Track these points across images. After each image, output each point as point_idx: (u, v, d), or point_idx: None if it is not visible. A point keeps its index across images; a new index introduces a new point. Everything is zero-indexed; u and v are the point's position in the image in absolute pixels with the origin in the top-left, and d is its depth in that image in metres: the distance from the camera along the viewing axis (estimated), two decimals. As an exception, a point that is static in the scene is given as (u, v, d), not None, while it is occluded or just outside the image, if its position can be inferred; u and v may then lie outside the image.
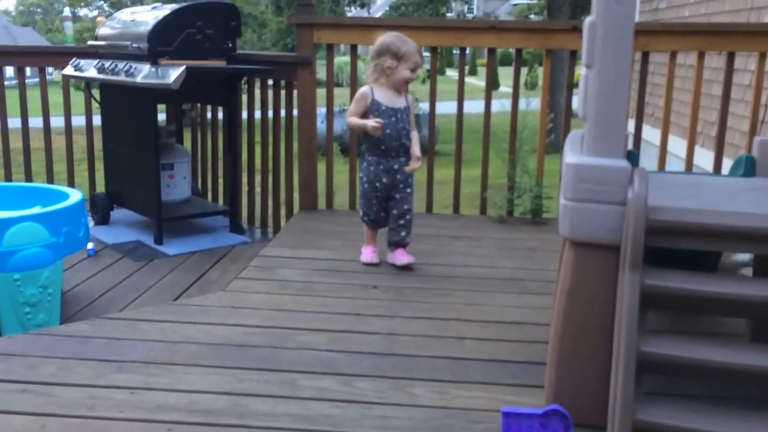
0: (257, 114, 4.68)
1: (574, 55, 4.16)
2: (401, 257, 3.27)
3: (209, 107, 5.09)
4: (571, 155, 1.94)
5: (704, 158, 5.25)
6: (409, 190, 3.28)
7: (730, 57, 4.04)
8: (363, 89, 3.26)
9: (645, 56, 4.18)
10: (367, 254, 3.35)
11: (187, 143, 5.16)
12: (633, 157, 2.29)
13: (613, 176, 1.85)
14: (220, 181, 5.03)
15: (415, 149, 3.25)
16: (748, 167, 2.38)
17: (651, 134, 6.51)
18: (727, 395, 2.07)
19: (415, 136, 3.29)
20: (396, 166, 3.24)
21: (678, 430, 1.69)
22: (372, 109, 3.20)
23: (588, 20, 1.88)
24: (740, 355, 1.74)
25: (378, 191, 3.27)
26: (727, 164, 3.41)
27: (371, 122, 3.15)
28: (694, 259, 2.23)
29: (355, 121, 3.23)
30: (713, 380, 1.85)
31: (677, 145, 5.33)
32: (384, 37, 3.21)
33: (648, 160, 6.95)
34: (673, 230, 1.81)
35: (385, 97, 3.23)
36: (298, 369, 2.28)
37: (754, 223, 1.77)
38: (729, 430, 1.68)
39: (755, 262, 2.31)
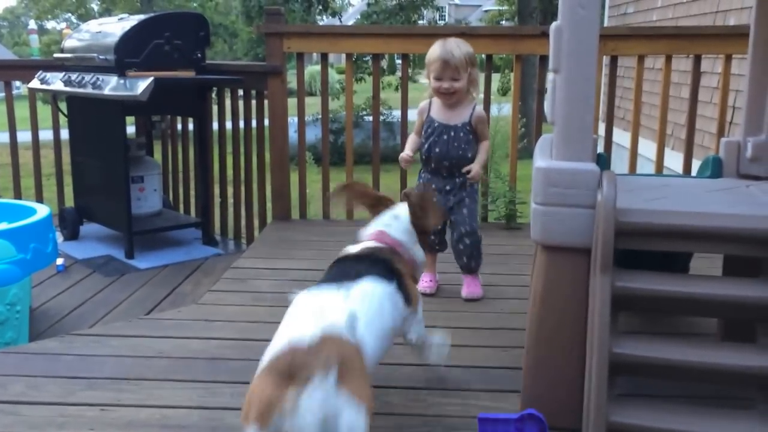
0: (228, 124, 4.66)
1: (544, 60, 4.19)
2: (466, 288, 3.02)
3: (179, 118, 5.05)
4: (540, 160, 1.95)
5: (674, 160, 5.30)
6: (465, 211, 2.95)
7: (697, 60, 4.09)
8: (422, 102, 3.01)
9: (614, 60, 4.22)
10: (422, 283, 2.99)
11: (158, 155, 5.11)
12: (603, 160, 2.30)
13: (582, 180, 1.86)
14: (192, 193, 4.99)
15: (475, 164, 2.94)
16: (715, 168, 2.41)
17: (622, 137, 6.57)
18: (699, 395, 2.08)
19: (483, 146, 2.98)
20: (448, 187, 2.95)
21: (651, 430, 1.70)
22: (425, 124, 2.96)
23: (554, 25, 1.89)
24: (711, 354, 1.75)
25: None
26: (696, 166, 3.45)
27: (403, 154, 2.96)
28: (665, 260, 2.25)
29: (408, 143, 3.02)
30: (685, 380, 1.86)
31: (648, 148, 5.39)
32: None
33: (620, 162, 7.02)
34: (642, 232, 1.82)
35: (440, 112, 2.95)
36: (272, 381, 2.25)
37: (721, 224, 1.79)
38: (701, 429, 1.69)
39: (723, 262, 2.33)
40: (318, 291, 1.79)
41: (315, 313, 1.65)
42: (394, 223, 2.12)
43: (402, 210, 2.15)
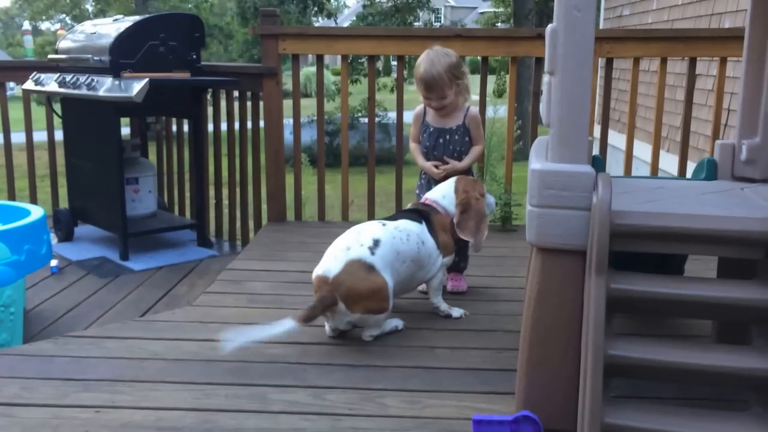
0: (223, 126, 4.65)
1: (540, 63, 4.20)
2: (452, 283, 3.09)
3: (174, 120, 5.04)
4: (536, 162, 1.95)
5: (669, 162, 5.32)
6: None
7: (692, 62, 4.11)
8: (417, 108, 3.07)
9: (609, 62, 4.23)
10: None
11: (153, 157, 5.10)
12: (598, 162, 2.31)
13: (577, 182, 1.86)
14: (187, 194, 4.99)
15: (461, 162, 3.01)
16: (709, 170, 2.41)
17: (617, 139, 6.59)
18: (694, 396, 2.09)
19: (474, 150, 3.04)
20: None
21: (646, 432, 1.70)
22: (422, 130, 3.04)
23: (549, 27, 1.89)
24: (705, 356, 1.76)
25: None
26: (691, 168, 3.46)
27: (430, 166, 3.00)
28: (660, 262, 2.25)
29: (416, 156, 3.07)
30: (680, 382, 1.86)
31: (643, 150, 5.40)
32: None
33: (616, 165, 7.04)
34: (638, 234, 1.82)
35: (435, 117, 3.02)
36: (268, 382, 2.26)
37: (716, 226, 1.79)
38: (696, 431, 1.69)
39: (718, 265, 2.34)
40: (367, 223, 2.70)
41: (351, 239, 2.54)
42: (438, 192, 2.85)
43: (449, 185, 2.86)
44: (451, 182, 2.88)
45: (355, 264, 2.46)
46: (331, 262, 2.50)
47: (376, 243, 2.52)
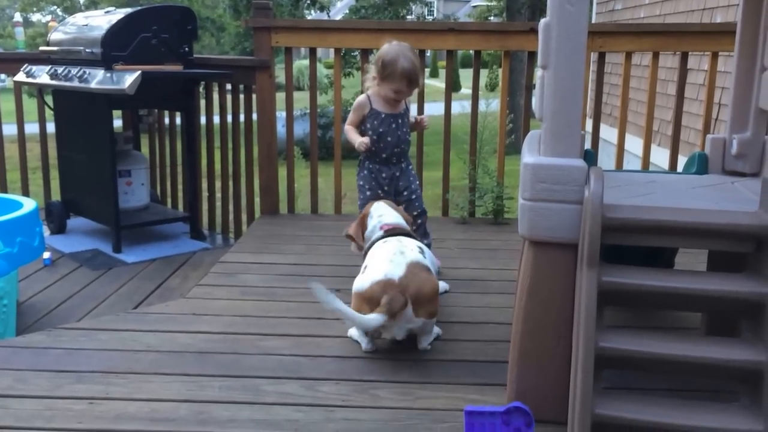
0: (216, 119, 4.65)
1: (532, 57, 4.20)
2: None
3: (166, 112, 5.03)
4: (528, 155, 1.96)
5: (661, 156, 5.35)
6: (414, 196, 3.17)
7: (684, 57, 4.12)
8: (360, 98, 3.16)
9: (601, 57, 4.24)
10: None
11: (145, 149, 5.10)
12: (590, 156, 2.32)
13: (569, 176, 1.88)
14: (180, 187, 4.98)
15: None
16: (700, 164, 2.43)
17: (609, 133, 6.61)
18: (684, 388, 2.11)
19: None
20: (398, 173, 3.15)
21: (636, 422, 1.72)
22: (371, 118, 3.10)
23: (542, 22, 1.90)
24: (695, 348, 1.77)
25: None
26: (682, 162, 3.48)
27: (359, 141, 3.07)
28: (650, 255, 2.27)
29: (350, 134, 3.14)
30: (670, 373, 1.88)
31: (635, 144, 5.43)
32: (385, 47, 3.05)
33: (607, 159, 7.07)
34: (629, 228, 1.83)
35: (383, 104, 3.11)
36: (261, 374, 2.27)
37: (706, 219, 1.81)
38: (686, 422, 1.71)
39: (708, 258, 2.36)
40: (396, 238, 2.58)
41: (399, 246, 2.47)
42: (394, 217, 2.75)
43: (392, 208, 2.80)
44: (388, 206, 2.82)
45: (417, 266, 2.39)
46: (390, 266, 2.37)
47: (422, 250, 2.52)
